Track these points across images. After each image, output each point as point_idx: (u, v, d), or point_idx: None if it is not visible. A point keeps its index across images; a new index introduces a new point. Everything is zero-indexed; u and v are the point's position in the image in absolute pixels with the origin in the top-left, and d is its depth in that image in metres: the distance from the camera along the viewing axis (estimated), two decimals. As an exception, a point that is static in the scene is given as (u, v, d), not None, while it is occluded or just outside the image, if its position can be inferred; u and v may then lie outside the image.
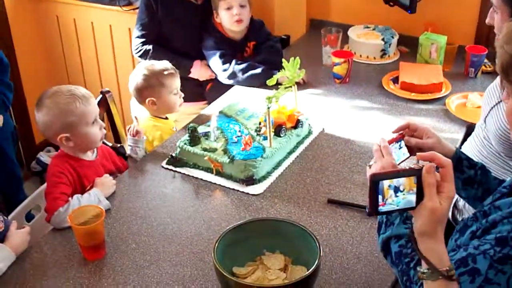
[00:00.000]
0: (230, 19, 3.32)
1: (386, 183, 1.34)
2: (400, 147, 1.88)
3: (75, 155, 2.40)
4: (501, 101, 2.17)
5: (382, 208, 1.36)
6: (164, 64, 2.90)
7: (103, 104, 3.13)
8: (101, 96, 3.10)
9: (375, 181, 1.34)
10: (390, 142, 1.84)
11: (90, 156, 2.47)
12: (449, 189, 1.37)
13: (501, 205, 1.48)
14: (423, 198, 1.35)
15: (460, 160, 1.83)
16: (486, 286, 1.35)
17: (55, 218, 2.19)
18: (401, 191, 1.36)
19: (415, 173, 1.36)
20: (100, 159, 2.51)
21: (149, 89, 2.87)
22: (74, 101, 2.32)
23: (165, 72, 2.86)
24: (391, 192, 1.35)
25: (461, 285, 1.35)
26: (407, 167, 1.38)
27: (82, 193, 2.31)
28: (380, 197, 1.35)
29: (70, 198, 2.24)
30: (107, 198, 2.32)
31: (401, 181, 1.35)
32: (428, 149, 1.80)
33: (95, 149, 2.50)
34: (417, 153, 1.45)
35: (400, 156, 1.86)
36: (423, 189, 1.35)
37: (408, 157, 1.88)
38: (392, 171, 1.39)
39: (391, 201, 1.36)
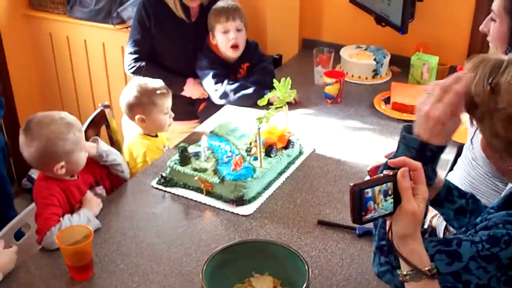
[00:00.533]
0: (226, 43, 3.33)
1: (377, 188, 1.35)
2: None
3: (60, 176, 2.38)
4: None
5: (366, 216, 1.37)
6: (157, 83, 2.90)
7: (102, 118, 3.12)
8: (100, 110, 3.11)
9: (359, 190, 1.34)
10: (379, 166, 1.84)
11: (72, 175, 2.46)
12: (423, 190, 1.38)
13: (492, 218, 1.48)
14: (400, 202, 1.36)
15: (450, 190, 1.82)
16: (463, 275, 1.37)
17: (47, 238, 2.17)
18: (389, 195, 1.37)
19: (391, 178, 1.37)
20: (80, 175, 2.48)
21: (140, 107, 2.87)
22: (71, 129, 2.33)
23: (158, 92, 2.86)
24: (381, 196, 1.36)
25: (436, 264, 1.38)
26: (381, 174, 1.39)
27: (71, 213, 2.30)
28: (371, 202, 1.35)
29: (61, 219, 2.23)
30: (97, 217, 2.31)
31: (389, 185, 1.36)
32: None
33: None
34: (389, 160, 1.43)
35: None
36: (399, 194, 1.37)
37: None
38: (371, 179, 1.39)
39: (381, 206, 1.37)
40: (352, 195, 1.35)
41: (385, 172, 1.39)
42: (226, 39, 3.32)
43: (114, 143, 3.13)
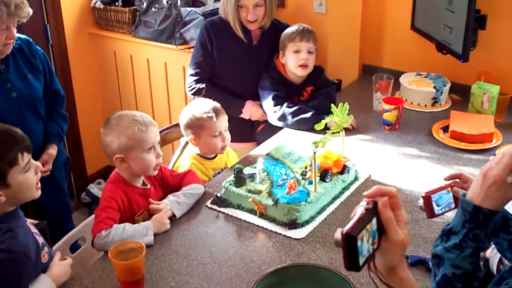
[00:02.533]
0: (296, 62, 3.35)
1: (367, 228, 1.29)
2: (448, 197, 1.86)
3: (129, 179, 2.47)
4: None
5: (361, 261, 1.29)
6: (208, 106, 2.93)
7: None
8: (177, 122, 3.18)
9: (353, 237, 1.26)
10: (439, 190, 1.82)
11: (144, 184, 2.54)
12: (402, 214, 1.36)
13: None
14: (384, 233, 1.33)
15: (506, 220, 1.79)
16: None
17: (96, 240, 2.27)
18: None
19: (374, 212, 1.32)
20: (154, 188, 2.56)
21: (190, 129, 2.93)
22: (134, 126, 2.42)
23: (205, 115, 2.89)
24: (369, 234, 1.30)
25: None
26: (361, 210, 1.32)
27: (132, 217, 2.38)
28: (363, 245, 1.29)
29: (115, 225, 2.29)
30: (151, 233, 2.36)
31: (374, 221, 1.31)
32: None
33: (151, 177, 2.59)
34: (364, 193, 1.41)
35: (445, 204, 1.84)
36: (382, 225, 1.33)
37: (452, 209, 1.86)
38: (357, 220, 1.30)
39: (370, 244, 1.31)
40: (346, 243, 1.27)
41: (364, 206, 1.33)
42: (296, 58, 3.35)
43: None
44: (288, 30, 3.41)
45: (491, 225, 1.52)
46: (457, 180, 1.92)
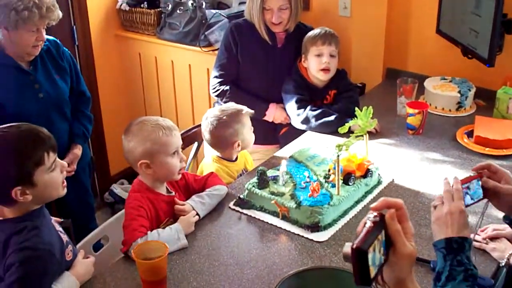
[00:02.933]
0: (318, 66, 3.36)
1: (376, 242, 1.29)
2: (477, 187, 1.85)
3: (153, 186, 2.47)
4: None
5: (372, 275, 1.28)
6: (223, 112, 2.95)
7: (197, 135, 3.30)
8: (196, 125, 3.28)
9: (363, 252, 1.25)
10: (467, 180, 1.81)
11: (168, 191, 2.55)
12: (409, 226, 1.38)
13: None
14: (391, 246, 1.33)
15: None
16: None
17: (133, 248, 2.24)
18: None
19: (382, 224, 1.33)
20: (178, 195, 2.57)
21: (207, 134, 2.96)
22: (158, 130, 2.41)
23: (215, 122, 2.92)
24: (378, 248, 1.31)
25: None
26: (369, 223, 1.33)
27: (158, 226, 2.38)
28: (374, 258, 1.28)
29: (149, 232, 2.29)
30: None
31: (383, 233, 1.32)
32: (505, 196, 1.79)
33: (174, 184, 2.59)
34: (370, 206, 1.41)
35: (474, 195, 1.83)
36: (390, 238, 1.33)
37: (480, 199, 1.85)
38: (366, 234, 1.29)
39: (379, 257, 1.31)
40: (356, 258, 1.26)
41: (371, 219, 1.33)
42: (318, 62, 3.35)
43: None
44: (310, 34, 3.42)
45: (467, 248, 1.60)
46: (485, 171, 1.92)
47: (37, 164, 2.00)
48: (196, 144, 3.37)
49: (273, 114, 3.49)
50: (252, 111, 3.03)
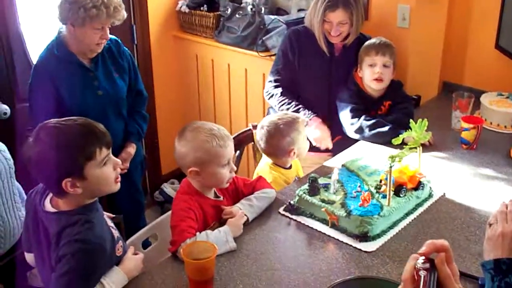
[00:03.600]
0: (371, 76, 3.34)
1: None
2: None
3: (201, 190, 2.49)
4: None
5: None
6: (279, 120, 2.96)
7: (248, 138, 3.33)
8: (248, 129, 3.32)
9: None
10: None
11: (216, 195, 2.56)
12: (455, 267, 1.36)
13: None
14: None
15: None
16: None
17: (180, 249, 2.26)
18: None
19: (434, 270, 1.31)
20: (226, 200, 2.59)
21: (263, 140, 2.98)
22: (212, 140, 2.41)
23: (272, 131, 2.93)
24: None
25: None
26: (422, 272, 1.31)
27: (204, 229, 2.39)
28: None
29: (198, 233, 2.32)
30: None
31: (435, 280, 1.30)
32: None
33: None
34: (418, 252, 1.39)
35: None
36: (440, 282, 1.31)
37: None
38: (424, 285, 1.29)
39: None
40: None
41: (421, 266, 1.32)
42: (371, 72, 3.34)
43: (257, 161, 3.26)
44: (365, 44, 3.41)
45: None
46: None
47: (88, 158, 2.04)
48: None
49: (313, 128, 3.41)
50: (307, 119, 3.04)
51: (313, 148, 3.19)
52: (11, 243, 2.78)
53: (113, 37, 3.30)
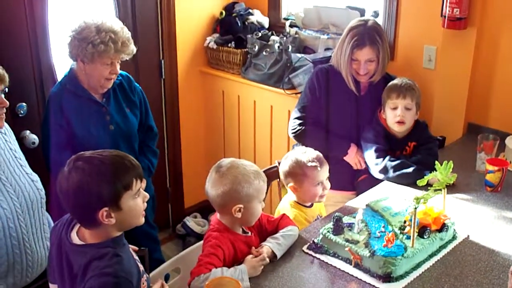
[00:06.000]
0: (393, 118, 3.36)
1: None
2: None
3: (232, 227, 2.52)
4: None
5: None
6: (311, 155, 2.99)
7: (274, 174, 3.37)
8: (274, 165, 3.38)
9: None
10: None
11: (244, 231, 2.60)
12: None
13: None
14: None
15: None
16: None
17: (193, 283, 2.30)
18: None
19: None
20: (254, 235, 2.62)
21: (292, 176, 2.99)
22: (259, 178, 2.50)
23: (309, 164, 2.95)
24: None
25: None
26: None
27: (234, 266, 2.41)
28: None
29: (213, 269, 2.32)
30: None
31: None
32: None
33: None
34: None
35: None
36: None
37: None
38: None
39: None
40: None
41: None
42: (393, 115, 3.35)
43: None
44: (388, 86, 3.43)
45: None
46: None
47: (126, 188, 2.06)
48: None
49: (352, 156, 3.50)
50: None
51: (336, 186, 3.20)
52: (38, 272, 2.81)
53: (124, 72, 3.37)
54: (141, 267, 2.23)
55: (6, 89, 2.71)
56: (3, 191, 2.65)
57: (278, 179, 3.35)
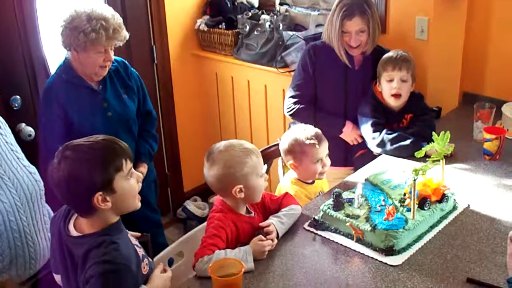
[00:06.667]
0: (389, 91, 3.35)
1: None
2: None
3: (236, 207, 2.53)
4: None
5: None
6: (310, 132, 2.98)
7: (275, 153, 3.36)
8: (275, 143, 3.34)
9: None
10: None
11: (248, 211, 2.60)
12: None
13: None
14: None
15: None
16: None
17: (197, 264, 2.32)
18: None
19: None
20: (257, 215, 2.62)
21: (292, 154, 2.98)
22: (248, 154, 2.48)
23: (307, 142, 2.94)
24: None
25: None
26: None
27: (236, 246, 2.42)
28: None
29: (216, 250, 2.33)
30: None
31: None
32: None
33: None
34: None
35: None
36: None
37: None
38: None
39: None
40: None
41: None
42: (389, 88, 3.35)
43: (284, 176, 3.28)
44: (382, 58, 3.42)
45: None
46: None
47: (117, 169, 2.07)
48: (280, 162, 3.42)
49: (348, 133, 3.51)
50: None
51: (335, 162, 3.20)
52: (41, 264, 2.81)
53: (119, 58, 3.36)
54: (141, 252, 2.23)
55: None
56: (2, 185, 2.64)
57: (280, 157, 3.34)
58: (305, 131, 2.99)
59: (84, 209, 2.09)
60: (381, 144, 3.27)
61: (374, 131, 3.32)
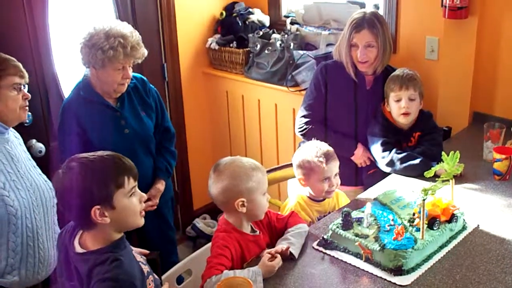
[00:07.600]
0: (398, 110, 3.35)
1: None
2: None
3: (240, 226, 2.53)
4: None
5: None
6: (320, 151, 2.98)
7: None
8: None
9: None
10: None
11: (252, 230, 2.60)
12: None
13: None
14: None
15: None
16: None
17: (206, 285, 2.30)
18: None
19: None
20: (262, 234, 2.61)
21: (301, 169, 3.00)
22: (255, 170, 2.50)
23: (315, 159, 2.95)
24: None
25: None
26: None
27: (242, 265, 2.42)
28: None
29: (225, 270, 2.33)
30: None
31: None
32: None
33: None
34: None
35: None
36: None
37: None
38: None
39: None
40: None
41: None
42: (397, 107, 3.34)
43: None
44: (389, 79, 3.42)
45: None
46: None
47: (118, 186, 2.08)
48: (290, 182, 3.42)
49: (359, 155, 3.50)
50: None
51: (344, 181, 3.19)
52: (48, 272, 2.83)
53: (138, 75, 3.37)
54: (146, 269, 2.23)
55: (27, 86, 2.81)
56: (22, 183, 2.71)
57: (288, 180, 3.34)
58: (316, 149, 2.99)
59: (83, 222, 2.11)
60: (391, 163, 3.27)
61: (384, 151, 3.31)
